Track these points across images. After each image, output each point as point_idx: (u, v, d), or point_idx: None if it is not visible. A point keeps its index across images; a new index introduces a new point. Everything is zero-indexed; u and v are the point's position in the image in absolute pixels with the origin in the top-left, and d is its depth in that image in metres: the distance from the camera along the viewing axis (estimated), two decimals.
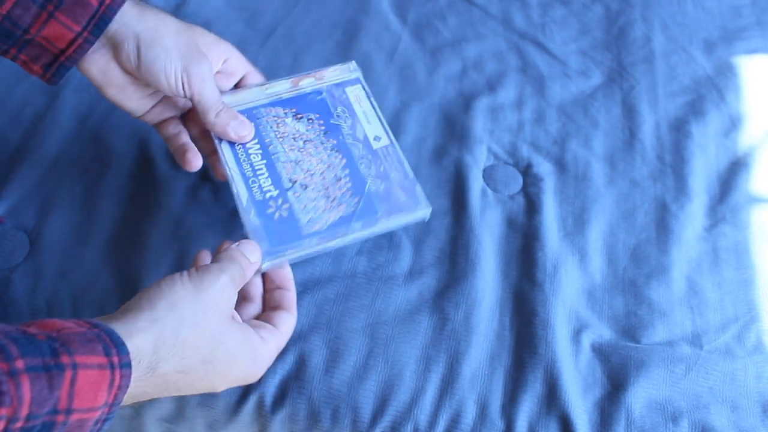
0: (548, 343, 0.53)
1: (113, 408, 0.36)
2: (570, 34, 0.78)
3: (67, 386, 0.33)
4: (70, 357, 0.34)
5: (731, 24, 0.80)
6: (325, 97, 0.58)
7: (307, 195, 0.53)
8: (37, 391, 0.32)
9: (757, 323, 0.56)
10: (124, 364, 0.36)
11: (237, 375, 0.45)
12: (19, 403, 0.31)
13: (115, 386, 0.36)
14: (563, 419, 0.50)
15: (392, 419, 0.51)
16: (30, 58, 0.49)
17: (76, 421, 0.34)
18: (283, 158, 0.55)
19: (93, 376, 0.34)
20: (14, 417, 0.31)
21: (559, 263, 0.58)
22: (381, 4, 0.79)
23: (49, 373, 0.33)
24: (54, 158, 0.64)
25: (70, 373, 0.33)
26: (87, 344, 0.35)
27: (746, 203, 0.63)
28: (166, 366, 0.39)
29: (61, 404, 0.33)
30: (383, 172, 0.55)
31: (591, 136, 0.68)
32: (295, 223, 0.52)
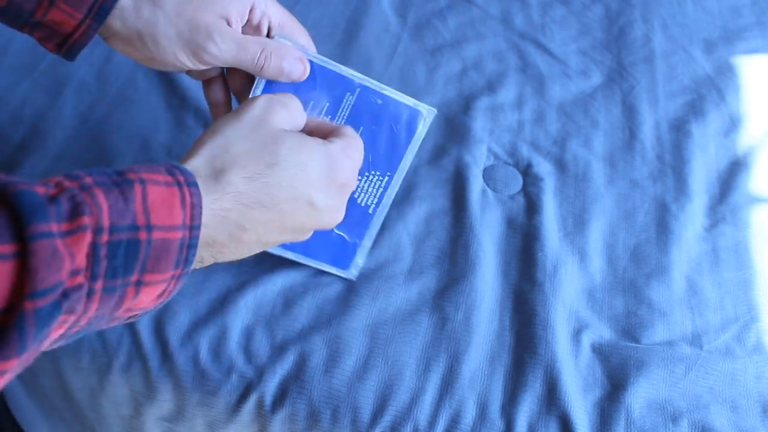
0: (548, 343, 0.53)
1: (194, 232, 0.35)
2: (570, 34, 0.78)
3: (139, 199, 0.32)
4: (136, 174, 0.33)
5: (731, 24, 0.80)
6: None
7: None
8: (112, 201, 0.31)
9: (757, 323, 0.56)
10: (190, 182, 0.35)
11: (317, 169, 0.42)
12: (99, 211, 0.30)
13: (187, 204, 0.34)
14: (563, 419, 0.50)
15: (392, 419, 0.51)
16: (42, 37, 0.49)
17: (160, 242, 0.33)
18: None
19: (162, 192, 0.34)
20: (98, 227, 0.30)
21: (559, 263, 0.58)
22: (381, 4, 0.79)
23: (120, 187, 0.32)
24: (54, 158, 0.64)
25: (139, 187, 0.33)
26: (149, 166, 0.35)
27: (746, 203, 0.63)
28: (229, 176, 0.38)
29: (139, 219, 0.32)
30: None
31: (591, 136, 0.68)
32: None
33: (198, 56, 0.48)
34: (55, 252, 0.28)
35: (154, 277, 0.34)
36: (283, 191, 0.40)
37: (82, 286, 0.30)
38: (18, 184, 0.29)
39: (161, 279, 0.34)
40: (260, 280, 0.55)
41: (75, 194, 0.30)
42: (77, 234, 0.29)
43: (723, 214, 0.63)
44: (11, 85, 0.69)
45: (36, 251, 0.27)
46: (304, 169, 0.41)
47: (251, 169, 0.39)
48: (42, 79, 0.70)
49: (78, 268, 0.30)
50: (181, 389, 0.53)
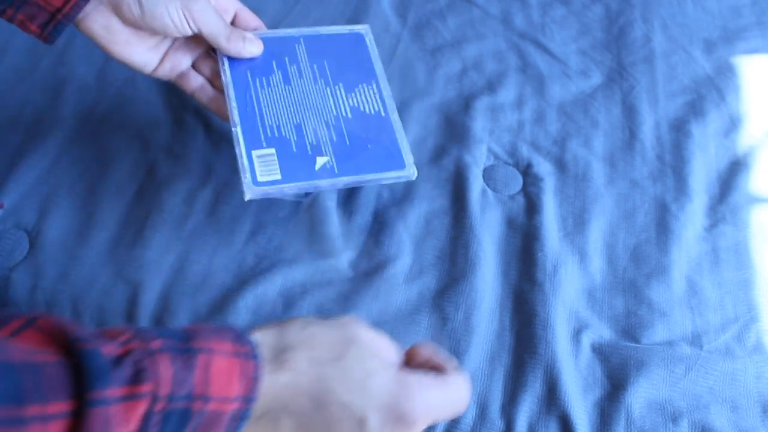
0: (548, 343, 0.53)
1: (248, 404, 0.34)
2: (570, 34, 0.78)
3: (202, 370, 0.32)
4: (204, 342, 0.33)
5: (731, 24, 0.80)
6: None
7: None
8: (175, 370, 0.31)
9: (757, 323, 0.56)
10: (253, 354, 0.34)
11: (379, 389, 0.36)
12: (160, 380, 0.30)
13: (247, 376, 0.34)
14: (563, 419, 0.50)
15: None
16: (27, 17, 0.50)
17: (213, 413, 0.33)
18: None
19: (225, 363, 0.33)
20: (156, 395, 0.30)
21: (559, 263, 0.58)
22: (381, 4, 0.79)
23: (184, 355, 0.32)
24: (54, 158, 0.64)
25: (204, 357, 0.32)
26: (216, 333, 0.34)
27: (746, 203, 0.63)
28: (293, 352, 0.36)
29: (197, 390, 0.32)
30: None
31: (591, 136, 0.68)
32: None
33: (188, 8, 0.52)
34: (109, 420, 0.28)
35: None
36: (342, 391, 0.36)
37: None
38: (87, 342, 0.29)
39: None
40: (260, 280, 0.55)
41: (140, 359, 0.30)
42: (134, 401, 0.29)
43: (723, 214, 0.63)
44: (11, 85, 0.69)
45: (91, 418, 0.28)
46: (369, 379, 0.36)
47: (316, 354, 0.36)
48: (42, 79, 0.70)
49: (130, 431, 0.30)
50: None
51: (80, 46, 0.73)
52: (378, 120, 0.56)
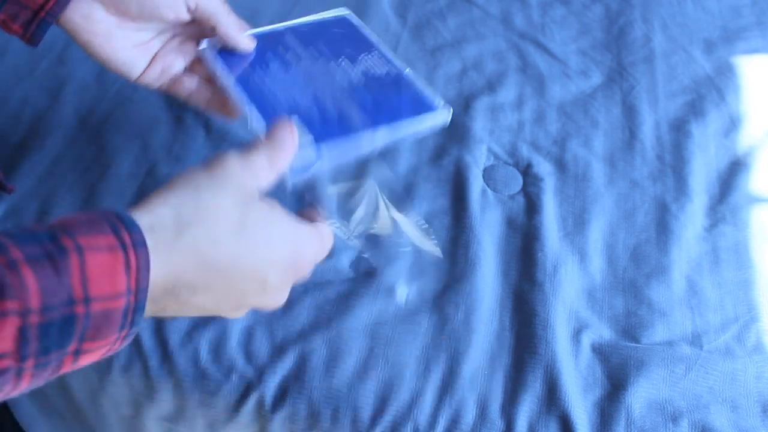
0: (548, 343, 0.53)
1: (139, 295, 0.32)
2: (570, 34, 0.78)
3: (77, 272, 0.30)
4: (72, 240, 0.30)
5: (731, 24, 0.80)
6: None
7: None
8: (42, 279, 0.29)
9: (757, 323, 0.56)
10: (137, 242, 0.32)
11: (281, 256, 0.39)
12: (26, 293, 0.28)
13: (132, 268, 0.31)
14: (563, 419, 0.50)
15: (392, 419, 0.51)
16: (9, 17, 0.46)
17: (100, 313, 0.31)
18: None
19: (103, 258, 0.31)
20: (26, 309, 0.28)
21: (559, 263, 0.58)
22: (381, 4, 0.79)
23: (52, 259, 0.29)
24: (54, 158, 0.64)
25: (76, 256, 0.30)
26: (90, 225, 0.31)
27: (746, 203, 0.63)
28: (193, 232, 0.35)
29: (76, 293, 0.30)
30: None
31: (591, 136, 0.68)
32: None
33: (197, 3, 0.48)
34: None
35: (95, 344, 0.32)
36: (245, 262, 0.37)
37: (8, 368, 0.29)
38: None
39: (103, 344, 0.32)
40: None
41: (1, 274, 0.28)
42: (2, 320, 0.27)
43: (723, 214, 0.63)
44: (11, 85, 0.69)
45: None
46: (271, 245, 0.38)
47: (220, 228, 0.36)
48: (42, 79, 0.70)
49: (4, 352, 0.28)
50: (181, 389, 0.53)
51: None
52: (393, 77, 0.54)
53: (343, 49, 0.57)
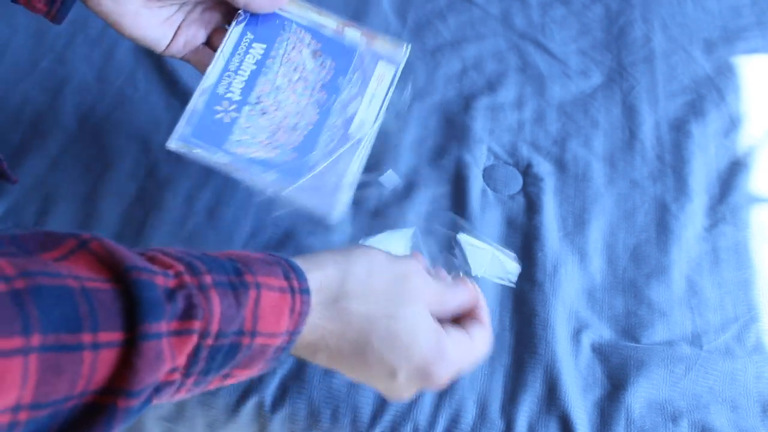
0: (548, 343, 0.53)
1: (293, 337, 0.34)
2: (570, 34, 0.78)
3: (251, 306, 0.32)
4: (254, 276, 0.33)
5: (731, 24, 0.80)
6: (355, 57, 0.54)
7: (258, 121, 0.51)
8: (225, 307, 0.31)
9: (757, 323, 0.56)
10: (303, 289, 0.35)
11: (418, 353, 0.39)
12: (211, 317, 0.30)
13: (296, 312, 0.34)
14: (563, 419, 0.50)
15: (392, 419, 0.51)
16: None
17: (259, 346, 0.33)
18: (270, 77, 0.52)
19: (275, 298, 0.33)
20: (206, 332, 0.30)
21: (559, 263, 0.58)
22: (381, 4, 0.79)
23: (236, 291, 0.32)
24: (55, 157, 0.64)
25: (254, 293, 0.32)
26: (267, 267, 0.34)
27: (746, 203, 0.63)
28: (350, 302, 0.37)
29: (247, 325, 0.32)
30: (336, 159, 0.51)
31: (591, 136, 0.68)
32: (225, 134, 0.50)
33: None
34: (160, 354, 0.28)
35: (243, 372, 0.34)
36: (382, 347, 0.38)
37: (174, 381, 0.30)
38: (141, 271, 0.28)
39: (248, 373, 0.35)
40: None
41: (192, 294, 0.30)
42: (185, 336, 0.29)
43: (723, 214, 0.63)
44: (11, 85, 0.69)
45: (143, 351, 0.27)
46: (412, 341, 0.39)
47: (371, 308, 0.38)
48: (42, 79, 0.70)
49: (177, 366, 0.30)
50: None
51: (80, 45, 0.73)
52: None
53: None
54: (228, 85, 0.51)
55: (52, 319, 0.25)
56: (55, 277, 0.26)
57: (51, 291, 0.26)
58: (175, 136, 0.49)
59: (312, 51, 0.54)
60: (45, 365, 0.25)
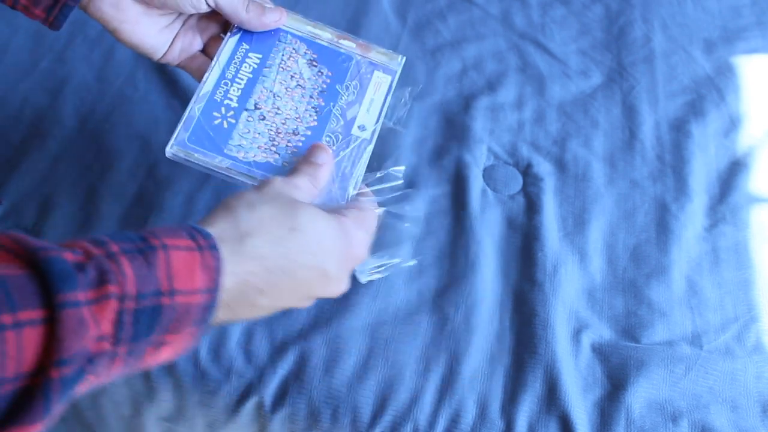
0: (548, 343, 0.53)
1: (213, 294, 0.35)
2: (570, 34, 0.78)
3: (163, 267, 0.33)
4: (159, 239, 0.34)
5: (731, 24, 0.80)
6: (351, 66, 0.56)
7: (257, 126, 0.52)
8: (137, 268, 0.32)
9: (757, 323, 0.56)
10: (211, 245, 0.36)
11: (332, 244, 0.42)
12: (124, 279, 0.31)
13: (209, 267, 0.35)
14: (563, 419, 0.50)
15: (392, 419, 0.51)
16: (31, 2, 0.49)
17: (182, 305, 0.34)
18: (267, 85, 0.53)
19: (184, 257, 0.34)
20: (124, 294, 0.31)
21: (559, 263, 0.58)
22: (381, 4, 0.79)
23: (144, 253, 0.33)
24: (55, 157, 0.64)
25: (163, 253, 0.33)
26: (171, 231, 0.35)
27: (746, 203, 0.63)
28: (253, 240, 0.38)
29: (163, 285, 0.33)
30: (338, 161, 0.52)
31: (591, 136, 0.68)
32: (225, 139, 0.50)
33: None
34: (81, 321, 0.29)
35: (174, 337, 0.35)
36: (303, 258, 0.40)
37: (106, 351, 0.31)
38: (48, 250, 0.30)
39: (179, 338, 0.35)
40: None
41: (101, 262, 0.31)
42: (103, 302, 0.30)
43: (723, 214, 0.63)
44: (11, 85, 0.69)
45: (63, 320, 0.28)
46: (322, 239, 0.41)
47: (275, 234, 0.39)
48: (42, 79, 0.70)
49: (103, 335, 0.30)
50: (181, 389, 0.53)
51: (80, 45, 0.73)
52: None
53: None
54: (225, 93, 0.52)
55: None
56: None
57: None
58: (173, 141, 0.50)
59: (308, 60, 0.55)
60: None
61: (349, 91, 0.55)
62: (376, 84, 0.56)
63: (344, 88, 0.55)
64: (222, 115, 0.51)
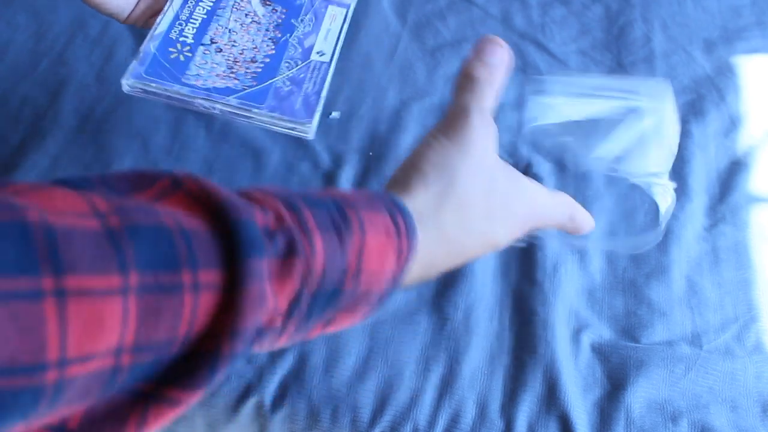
0: (548, 343, 0.53)
1: (396, 282, 0.33)
2: (570, 34, 0.78)
3: (356, 248, 0.30)
4: (357, 214, 0.31)
5: (731, 24, 0.79)
6: (305, 1, 0.58)
7: (214, 57, 0.53)
8: (329, 248, 0.29)
9: (756, 323, 0.56)
10: (410, 232, 0.33)
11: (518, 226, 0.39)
12: (313, 258, 0.28)
13: (403, 257, 0.32)
14: (563, 419, 0.50)
15: (392, 419, 0.51)
16: None
17: (363, 291, 0.32)
18: (222, 22, 0.55)
19: (380, 241, 0.31)
20: (309, 272, 0.28)
21: (558, 263, 0.58)
22: (381, 4, 0.79)
23: (339, 231, 0.30)
24: (54, 158, 0.64)
25: (359, 234, 0.31)
26: (369, 201, 0.32)
27: (746, 203, 0.63)
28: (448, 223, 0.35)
29: (351, 268, 0.30)
30: (300, 79, 0.53)
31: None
32: (182, 69, 0.52)
33: None
34: (263, 294, 0.27)
35: (346, 317, 0.33)
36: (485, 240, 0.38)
37: (277, 327, 0.29)
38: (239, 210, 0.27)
39: (351, 318, 0.33)
40: None
41: (293, 233, 0.28)
42: (286, 277, 0.28)
43: (723, 214, 0.63)
44: (11, 85, 0.69)
45: (246, 291, 0.26)
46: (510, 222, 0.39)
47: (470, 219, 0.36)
48: (42, 79, 0.70)
49: (279, 310, 0.28)
50: None
51: (80, 45, 0.73)
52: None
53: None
54: (180, 31, 0.54)
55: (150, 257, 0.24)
56: (151, 215, 0.25)
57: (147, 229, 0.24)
58: (129, 74, 0.51)
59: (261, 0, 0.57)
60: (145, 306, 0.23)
61: (305, 23, 0.57)
62: (332, 16, 0.58)
63: (299, 21, 0.57)
64: (178, 50, 0.53)
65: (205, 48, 0.54)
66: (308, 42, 0.56)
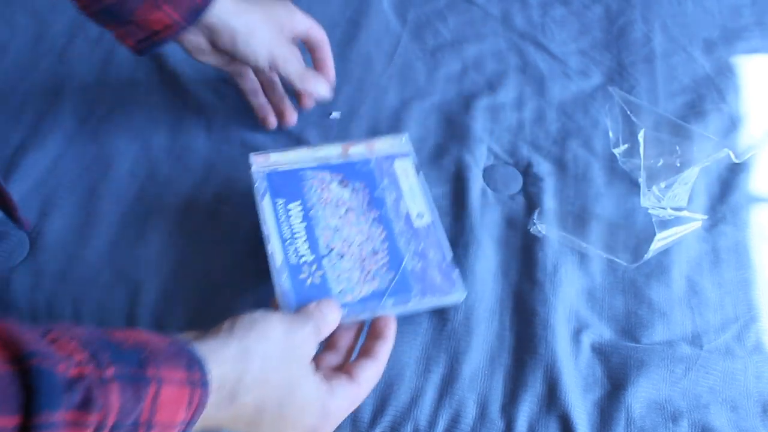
0: (548, 343, 0.53)
1: (188, 427, 0.36)
2: (570, 34, 0.78)
3: (150, 399, 0.33)
4: (157, 369, 0.34)
5: (731, 24, 0.80)
6: (373, 167, 0.58)
7: (342, 265, 0.52)
8: (124, 401, 0.32)
9: (756, 323, 0.56)
10: (203, 382, 0.36)
11: (305, 426, 0.43)
12: (108, 411, 0.31)
13: (193, 405, 0.35)
14: (563, 419, 0.50)
15: (392, 419, 0.51)
16: (125, 34, 0.56)
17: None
18: (323, 224, 0.54)
19: (174, 393, 0.34)
20: (102, 425, 0.31)
21: (559, 263, 0.58)
22: (381, 4, 0.79)
23: (136, 384, 0.33)
24: (55, 157, 0.64)
25: (154, 388, 0.33)
26: (171, 360, 0.35)
27: (746, 203, 0.63)
28: (246, 397, 0.39)
29: (143, 417, 0.33)
30: (421, 251, 0.53)
31: (591, 136, 0.68)
32: (326, 292, 0.50)
33: (273, 56, 0.58)
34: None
35: None
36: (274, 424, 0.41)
37: None
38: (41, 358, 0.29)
39: None
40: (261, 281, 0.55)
41: (92, 387, 0.30)
42: (80, 428, 0.30)
43: (723, 214, 0.63)
44: (12, 84, 0.69)
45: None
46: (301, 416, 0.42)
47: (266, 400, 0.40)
48: (42, 79, 0.70)
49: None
50: None
51: (80, 45, 0.73)
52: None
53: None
54: (295, 251, 0.52)
55: None
56: None
57: None
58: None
59: (338, 183, 0.57)
60: None
61: (388, 190, 0.57)
62: (404, 171, 0.58)
63: (381, 190, 0.57)
64: (308, 273, 0.51)
65: (328, 258, 0.52)
66: (402, 208, 0.56)
